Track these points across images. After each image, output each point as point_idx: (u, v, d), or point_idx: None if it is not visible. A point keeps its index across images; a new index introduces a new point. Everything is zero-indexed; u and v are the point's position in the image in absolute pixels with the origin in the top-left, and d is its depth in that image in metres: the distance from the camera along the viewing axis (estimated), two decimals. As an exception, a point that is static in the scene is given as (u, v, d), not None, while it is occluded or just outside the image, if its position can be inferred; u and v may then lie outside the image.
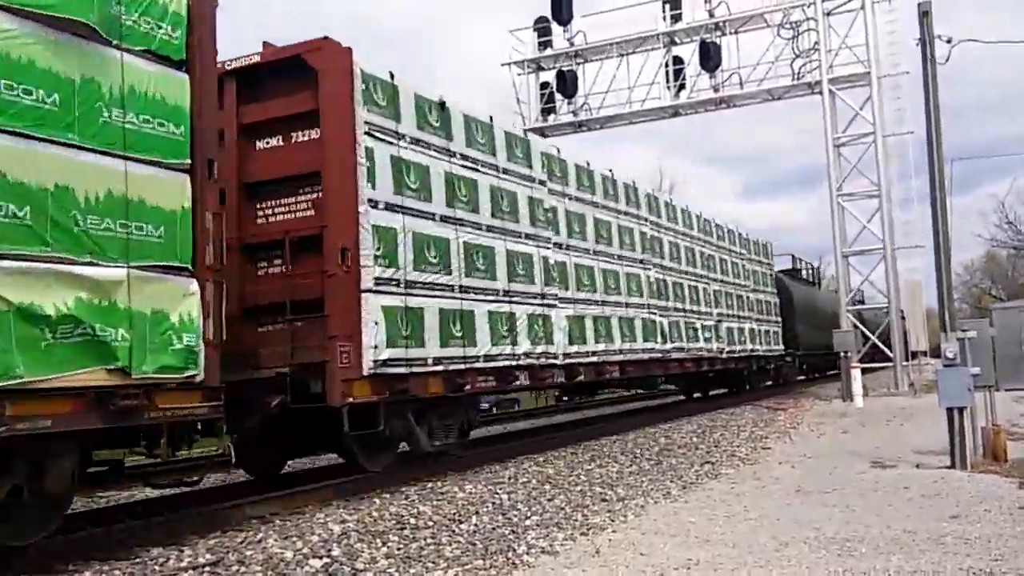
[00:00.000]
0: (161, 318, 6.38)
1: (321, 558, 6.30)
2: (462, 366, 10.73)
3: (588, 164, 15.45)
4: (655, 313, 17.48)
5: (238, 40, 9.93)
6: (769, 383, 28.72)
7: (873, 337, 27.04)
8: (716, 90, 28.15)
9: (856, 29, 26.17)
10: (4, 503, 5.86)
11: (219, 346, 6.91)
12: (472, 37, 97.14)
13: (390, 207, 9.87)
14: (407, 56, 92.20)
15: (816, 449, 13.33)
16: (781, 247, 39.50)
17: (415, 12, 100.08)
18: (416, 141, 10.54)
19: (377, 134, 9.79)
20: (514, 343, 11.89)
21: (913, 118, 25.22)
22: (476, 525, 7.54)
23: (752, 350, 24.35)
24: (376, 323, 9.23)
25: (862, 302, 31.49)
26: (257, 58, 9.82)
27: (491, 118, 12.51)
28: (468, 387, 10.93)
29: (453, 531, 7.29)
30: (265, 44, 9.96)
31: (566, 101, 29.75)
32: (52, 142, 5.89)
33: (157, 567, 6.12)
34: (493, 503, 8.47)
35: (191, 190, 6.82)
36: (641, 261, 17.29)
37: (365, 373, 9.02)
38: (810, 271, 39.03)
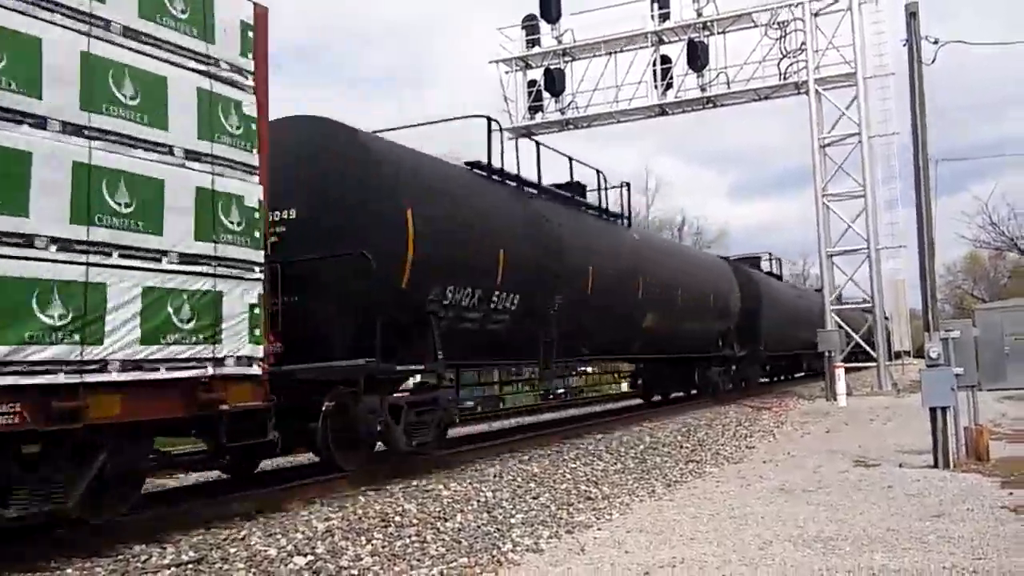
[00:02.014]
0: None
1: (305, 555, 6.27)
2: None
3: None
4: None
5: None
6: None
7: (856, 337, 27.16)
8: (703, 89, 28.20)
9: (843, 30, 26.32)
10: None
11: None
12: (463, 34, 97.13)
13: None
14: (402, 53, 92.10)
15: (800, 448, 13.40)
16: (769, 246, 37.25)
17: (408, 10, 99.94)
18: None
19: None
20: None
21: (899, 119, 25.43)
22: (461, 523, 7.52)
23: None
24: None
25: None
26: None
27: None
28: None
29: (438, 529, 7.26)
30: None
31: (553, 99, 29.74)
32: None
33: (140, 564, 6.07)
34: (478, 501, 8.45)
35: None
36: None
37: None
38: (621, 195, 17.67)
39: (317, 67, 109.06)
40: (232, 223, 7.37)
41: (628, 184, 17.72)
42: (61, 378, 5.91)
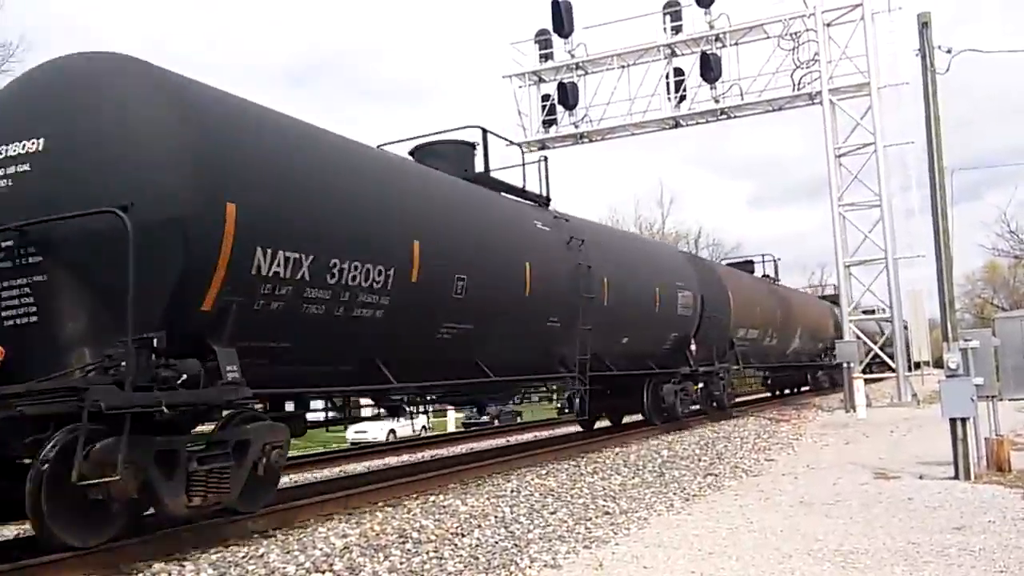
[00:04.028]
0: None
1: (323, 573, 6.28)
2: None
3: None
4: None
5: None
6: None
7: (876, 347, 26.96)
8: (717, 101, 28.21)
9: (856, 39, 26.29)
10: None
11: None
12: (477, 48, 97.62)
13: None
14: (414, 70, 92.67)
15: (819, 460, 13.31)
16: (788, 257, 35.48)
17: (422, 25, 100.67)
18: None
19: None
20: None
21: (914, 128, 25.29)
22: (479, 539, 7.52)
23: None
24: None
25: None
26: None
27: None
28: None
29: (455, 545, 7.27)
30: None
31: (567, 113, 29.81)
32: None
33: (159, 582, 6.11)
34: (495, 516, 8.45)
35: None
36: None
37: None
38: None
39: (334, 80, 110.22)
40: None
41: None
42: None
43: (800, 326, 29.62)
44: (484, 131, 12.83)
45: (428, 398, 12.11)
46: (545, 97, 30.17)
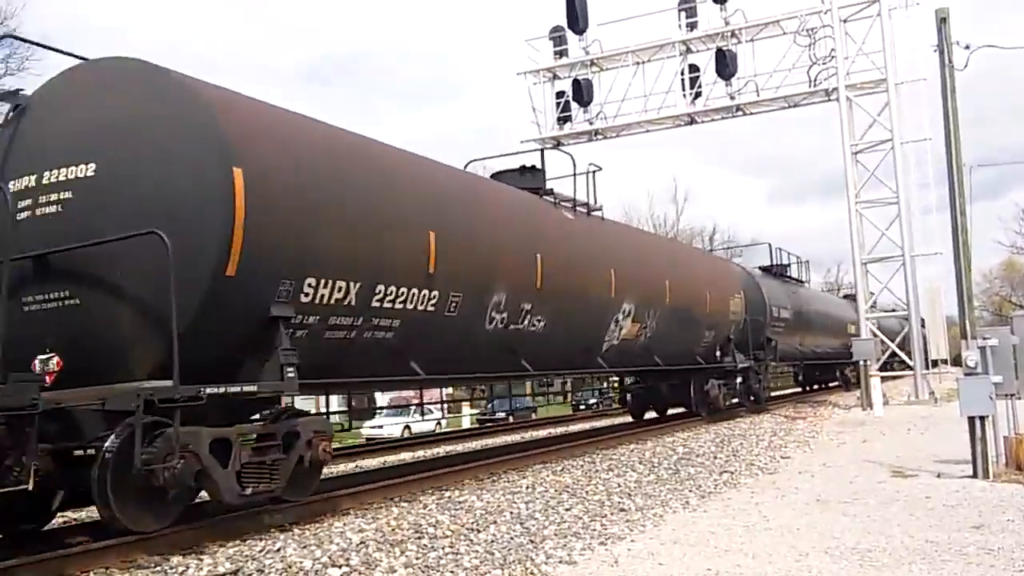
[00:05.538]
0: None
1: (340, 567, 6.31)
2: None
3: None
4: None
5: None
6: None
7: (892, 345, 26.80)
8: (732, 98, 28.06)
9: (873, 35, 26.10)
10: None
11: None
12: (490, 47, 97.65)
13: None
14: (431, 68, 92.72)
15: (836, 458, 13.25)
16: (805, 254, 33.87)
17: (439, 23, 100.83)
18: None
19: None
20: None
21: (932, 125, 25.07)
22: (494, 534, 7.53)
23: None
24: None
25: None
26: None
27: None
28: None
29: (471, 540, 7.28)
30: None
31: (582, 110, 29.73)
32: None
33: (177, 575, 6.15)
34: (511, 512, 8.46)
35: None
36: None
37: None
38: None
39: (357, 80, 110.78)
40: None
41: None
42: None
43: (650, 304, 15.49)
44: None
45: None
46: (560, 94, 30.12)
